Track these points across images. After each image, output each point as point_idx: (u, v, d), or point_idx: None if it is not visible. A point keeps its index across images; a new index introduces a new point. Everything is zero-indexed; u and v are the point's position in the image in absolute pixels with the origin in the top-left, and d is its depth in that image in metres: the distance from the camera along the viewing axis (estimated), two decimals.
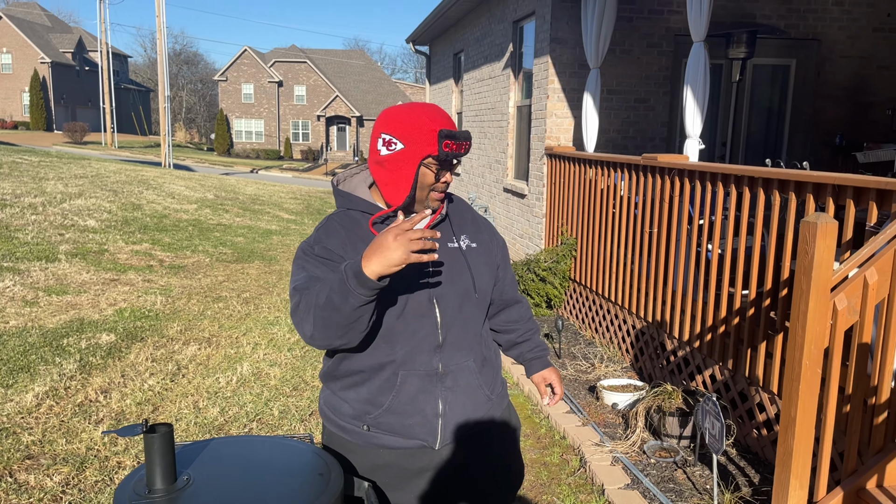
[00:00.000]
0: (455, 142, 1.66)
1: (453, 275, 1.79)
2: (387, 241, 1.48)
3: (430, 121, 1.67)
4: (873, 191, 2.86)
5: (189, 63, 67.59)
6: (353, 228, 1.76)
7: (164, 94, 25.38)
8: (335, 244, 1.72)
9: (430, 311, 1.74)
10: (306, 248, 1.75)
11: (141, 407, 4.12)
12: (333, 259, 1.70)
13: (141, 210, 11.20)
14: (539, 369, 2.07)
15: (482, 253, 1.87)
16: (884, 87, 7.42)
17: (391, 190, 1.72)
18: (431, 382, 1.76)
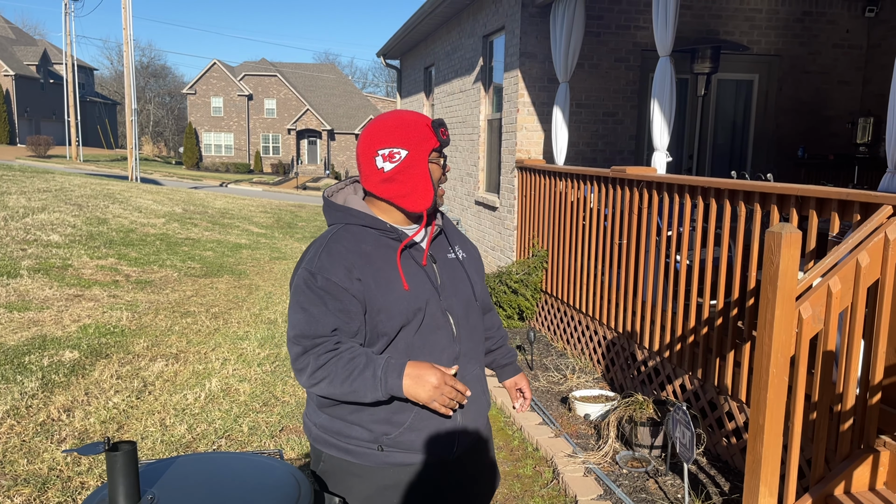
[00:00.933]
0: (444, 128, 1.72)
1: (457, 285, 1.81)
2: (429, 381, 1.59)
3: (416, 120, 1.71)
4: (835, 201, 2.92)
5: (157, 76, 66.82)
6: (357, 246, 1.69)
7: (131, 106, 25.04)
8: (339, 274, 1.64)
9: (445, 322, 1.75)
10: (308, 279, 1.65)
11: (105, 425, 4.02)
12: (337, 296, 1.63)
13: (107, 224, 11.00)
14: (511, 375, 2.10)
15: (473, 262, 1.92)
16: (843, 101, 7.63)
17: (413, 198, 1.72)
18: None
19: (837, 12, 7.44)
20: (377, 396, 1.61)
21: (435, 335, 1.73)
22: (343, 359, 1.61)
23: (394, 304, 1.66)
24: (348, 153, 50.94)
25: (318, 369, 1.61)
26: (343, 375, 1.60)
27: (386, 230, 1.73)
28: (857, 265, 2.60)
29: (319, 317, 1.62)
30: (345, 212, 1.75)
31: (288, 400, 4.56)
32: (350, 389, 1.61)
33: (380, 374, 1.59)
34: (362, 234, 1.71)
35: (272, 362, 5.29)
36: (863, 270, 2.60)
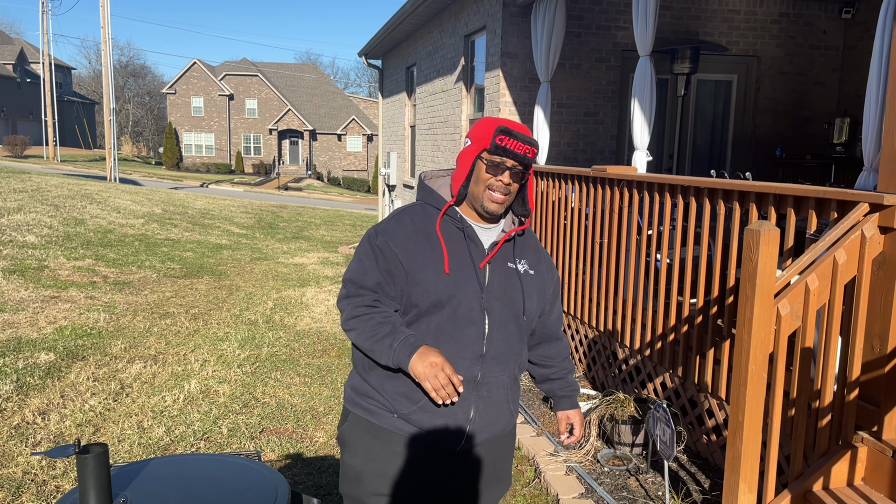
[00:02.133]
0: (508, 137, 1.77)
1: (507, 292, 1.88)
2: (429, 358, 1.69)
3: (491, 123, 1.82)
4: (812, 199, 2.95)
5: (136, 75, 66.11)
6: (422, 223, 1.84)
7: (110, 106, 24.74)
8: (397, 241, 1.81)
9: (480, 319, 1.82)
10: (372, 236, 1.84)
11: (81, 428, 3.96)
12: (388, 258, 1.80)
13: (84, 225, 10.85)
14: (567, 408, 2.15)
15: (537, 281, 1.96)
16: (820, 102, 7.72)
17: (455, 183, 1.87)
18: (468, 389, 1.83)
19: (814, 14, 7.53)
20: (388, 363, 1.75)
21: (467, 328, 1.80)
22: (374, 320, 1.77)
23: (431, 282, 1.78)
24: (330, 153, 50.75)
25: (351, 318, 1.80)
26: (367, 334, 1.76)
27: (455, 219, 1.86)
28: (835, 262, 2.63)
29: (369, 270, 1.80)
30: (428, 192, 1.91)
31: (268, 401, 4.51)
32: (369, 348, 1.77)
33: (395, 346, 1.72)
34: (432, 215, 1.86)
35: (252, 363, 5.24)
36: (840, 268, 2.62)
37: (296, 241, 12.62)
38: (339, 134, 50.66)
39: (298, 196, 31.01)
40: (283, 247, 11.69)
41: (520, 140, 1.78)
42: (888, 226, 2.62)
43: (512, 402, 1.95)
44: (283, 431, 4.08)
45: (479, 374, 1.83)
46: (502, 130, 1.78)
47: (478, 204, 1.83)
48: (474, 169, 1.83)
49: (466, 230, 1.86)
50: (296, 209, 18.87)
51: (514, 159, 1.78)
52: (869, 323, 2.72)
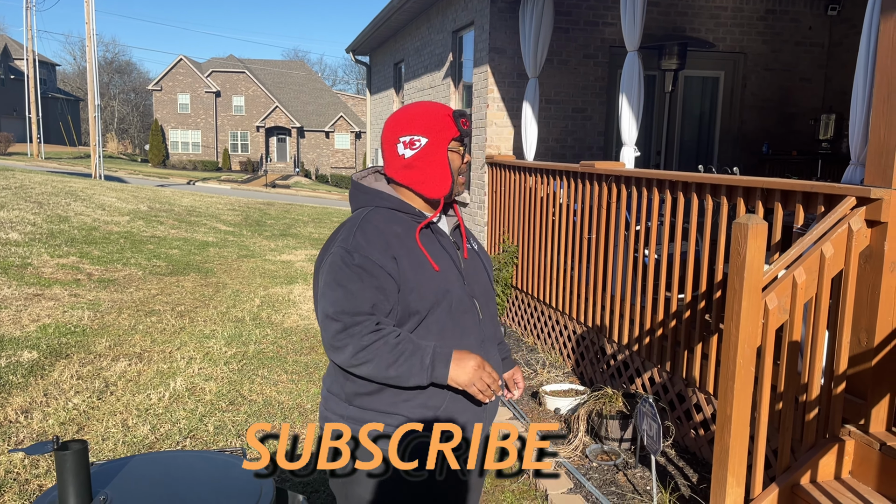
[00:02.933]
0: (466, 118, 1.77)
1: (478, 273, 1.89)
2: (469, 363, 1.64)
3: (438, 109, 1.78)
4: (799, 194, 2.95)
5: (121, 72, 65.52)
6: (389, 226, 1.74)
7: (94, 103, 24.51)
8: (376, 252, 1.67)
9: (471, 306, 1.82)
10: (344, 256, 1.66)
11: (65, 427, 3.90)
12: (373, 272, 1.65)
13: (68, 222, 10.73)
14: (509, 368, 2.13)
15: (485, 254, 2.01)
16: (806, 98, 7.76)
17: (431, 185, 1.77)
18: None
19: (800, 10, 7.56)
20: (420, 382, 1.64)
21: (464, 318, 1.78)
22: (389, 343, 1.63)
23: (425, 284, 1.71)
24: (318, 151, 50.56)
25: (360, 350, 1.62)
26: (389, 360, 1.62)
27: (415, 214, 1.79)
28: (822, 256, 2.63)
29: (358, 293, 1.64)
30: (374, 195, 1.80)
31: (255, 399, 4.48)
32: (395, 374, 1.63)
33: (427, 362, 1.63)
34: (392, 217, 1.76)
35: (239, 361, 5.20)
36: (827, 261, 2.63)
37: (283, 238, 12.55)
38: (326, 131, 50.48)
39: (286, 193, 30.87)
40: (270, 244, 11.62)
41: (468, 116, 1.80)
42: (875, 219, 2.63)
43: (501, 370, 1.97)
44: (270, 429, 4.04)
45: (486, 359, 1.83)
46: (460, 115, 1.77)
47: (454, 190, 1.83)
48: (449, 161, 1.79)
49: (432, 225, 1.83)
50: (283, 206, 18.78)
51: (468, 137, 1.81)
52: (856, 316, 2.73)
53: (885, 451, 2.60)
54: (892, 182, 2.60)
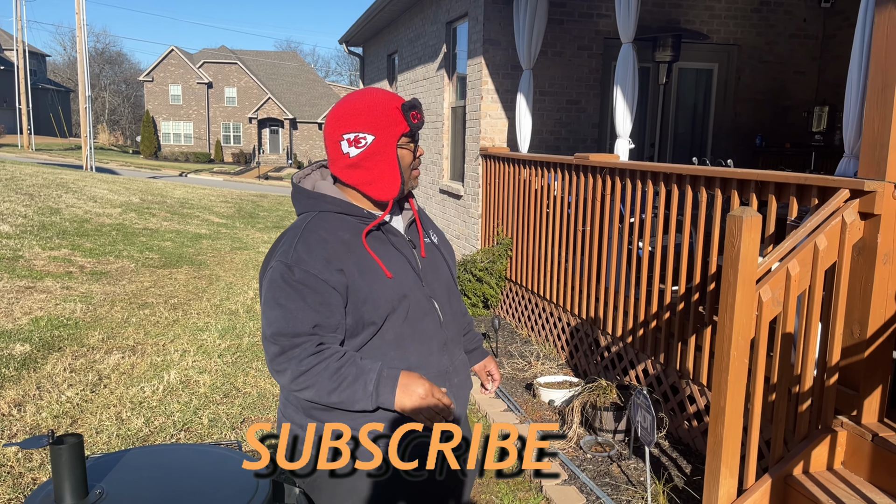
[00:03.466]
0: (417, 110, 1.62)
1: (437, 270, 1.77)
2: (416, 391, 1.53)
3: (385, 102, 1.61)
4: (793, 186, 2.96)
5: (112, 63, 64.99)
6: (334, 234, 1.60)
7: (85, 94, 24.33)
8: (318, 265, 1.54)
9: (431, 309, 1.70)
10: (284, 272, 1.54)
11: (58, 420, 3.89)
12: (316, 288, 1.53)
13: (59, 214, 10.67)
14: (480, 359, 2.07)
15: (445, 245, 1.87)
16: (800, 91, 7.77)
17: (379, 186, 1.63)
18: (442, 381, 1.72)
19: (794, 3, 7.57)
20: (366, 408, 1.55)
21: (423, 323, 1.67)
22: (329, 368, 1.52)
23: (379, 293, 1.59)
24: (311, 142, 50.38)
25: (300, 375, 1.52)
26: (330, 387, 1.53)
27: (363, 216, 1.65)
28: (815, 248, 2.64)
29: (297, 313, 1.52)
30: (317, 198, 1.65)
31: (249, 391, 4.47)
32: (337, 400, 1.54)
33: (371, 388, 1.53)
34: (338, 222, 1.62)
35: (233, 353, 5.19)
36: (820, 253, 2.64)
37: (276, 230, 12.51)
38: (319, 123, 50.28)
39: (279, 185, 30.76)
40: (263, 236, 11.59)
41: (419, 107, 1.64)
42: (868, 211, 2.64)
43: (469, 376, 1.87)
44: (266, 421, 4.04)
45: (448, 364, 1.74)
46: (410, 107, 1.61)
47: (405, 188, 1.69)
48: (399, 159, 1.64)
49: (383, 225, 1.68)
50: (276, 198, 18.71)
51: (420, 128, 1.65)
52: (849, 308, 2.74)
53: (877, 441, 2.62)
54: (885, 174, 2.61)
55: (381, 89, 1.65)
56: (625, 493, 3.24)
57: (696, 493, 3.21)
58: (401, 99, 1.63)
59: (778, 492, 2.68)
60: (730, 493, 2.67)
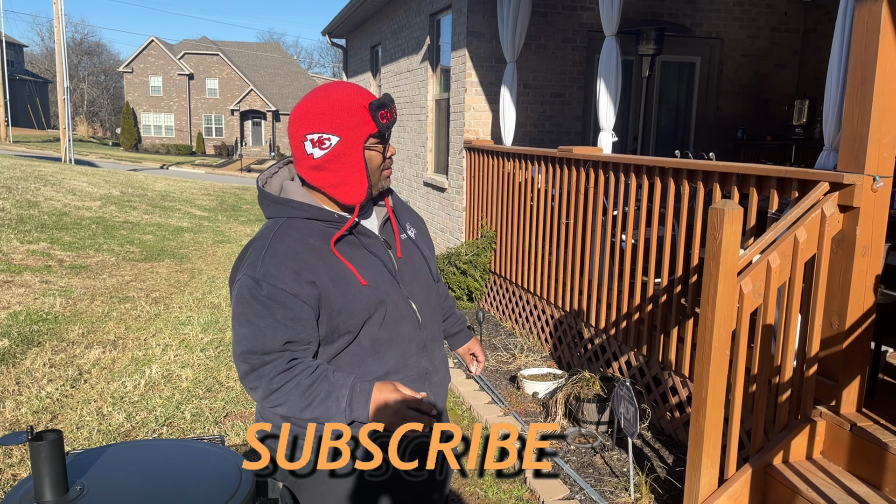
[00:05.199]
0: (387, 109, 1.54)
1: (415, 266, 1.71)
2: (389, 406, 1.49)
3: (351, 100, 1.52)
4: (774, 179, 2.99)
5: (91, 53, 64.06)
6: (304, 243, 1.53)
7: (63, 85, 23.97)
8: (287, 279, 1.48)
9: (408, 311, 1.65)
10: (252, 287, 1.48)
11: (38, 415, 3.85)
12: (286, 303, 1.48)
13: (38, 207, 10.52)
14: (464, 342, 2.05)
15: (425, 238, 1.82)
16: (781, 84, 7.84)
17: (345, 190, 1.56)
18: (422, 383, 1.69)
19: None
20: (341, 422, 1.52)
21: (400, 326, 1.63)
22: (300, 386, 1.48)
23: (353, 302, 1.54)
24: None
25: (271, 393, 1.49)
26: (301, 405, 1.50)
27: (333, 220, 1.57)
28: (796, 241, 2.67)
29: (267, 330, 1.48)
30: (285, 205, 1.57)
31: (233, 385, 4.45)
32: (311, 417, 1.52)
33: (344, 404, 1.49)
34: (308, 229, 1.55)
35: (216, 347, 5.15)
36: (800, 246, 2.66)
37: (259, 223, 12.43)
38: None
39: None
40: (246, 229, 11.51)
41: (390, 104, 1.55)
42: (847, 204, 2.67)
43: (448, 372, 1.84)
44: (248, 416, 4.02)
45: (428, 364, 1.70)
46: (379, 106, 1.52)
47: (375, 190, 1.63)
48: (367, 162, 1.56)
49: (351, 227, 1.60)
50: None
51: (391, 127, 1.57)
52: (828, 300, 2.77)
53: (855, 431, 2.66)
54: (864, 167, 2.64)
55: (349, 84, 1.57)
56: (608, 484, 3.27)
57: (678, 482, 3.24)
58: (370, 96, 1.55)
59: (758, 481, 2.72)
60: (711, 482, 2.70)
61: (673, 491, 3.18)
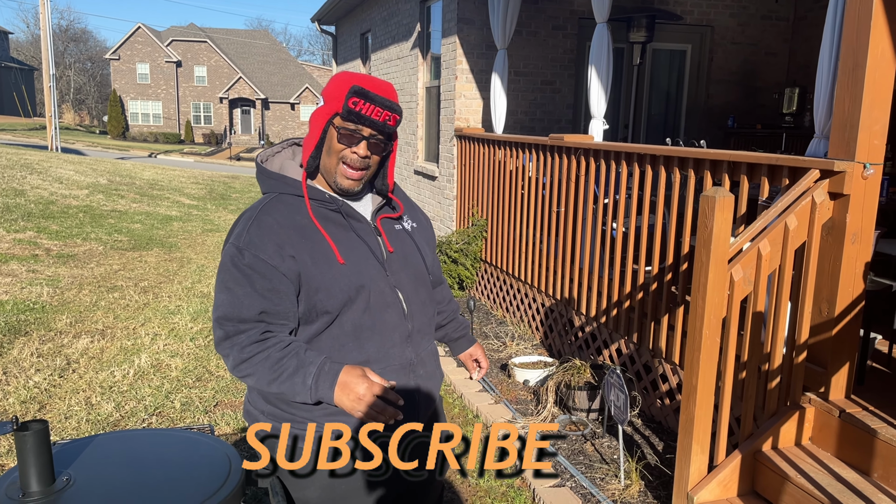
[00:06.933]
0: (364, 100, 1.50)
1: (406, 257, 1.70)
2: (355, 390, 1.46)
3: (350, 79, 1.53)
4: (765, 167, 2.98)
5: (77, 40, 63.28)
6: (290, 218, 1.55)
7: (49, 72, 23.67)
8: (269, 251, 1.50)
9: (394, 299, 1.64)
10: (234, 255, 1.51)
11: (26, 405, 3.82)
12: (266, 274, 1.50)
13: (24, 196, 10.41)
14: (466, 347, 2.05)
15: (423, 232, 1.81)
16: (771, 72, 7.84)
17: (304, 151, 1.59)
18: (406, 374, 1.67)
19: None
20: (306, 401, 1.51)
21: (385, 314, 1.61)
22: (271, 358, 1.49)
23: (332, 283, 1.54)
24: (283, 123, 49.74)
25: (242, 362, 1.50)
26: (269, 377, 1.49)
27: (324, 200, 1.59)
28: (786, 228, 2.67)
29: (244, 298, 1.49)
30: (279, 180, 1.60)
31: (223, 374, 4.43)
32: (277, 391, 1.51)
33: (310, 382, 1.48)
34: (297, 205, 1.57)
35: (205, 336, 5.13)
36: (791, 233, 2.67)
37: None
38: (292, 103, 49.62)
39: (251, 167, 30.36)
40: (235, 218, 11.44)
41: (378, 104, 1.51)
42: (838, 192, 2.67)
43: (439, 367, 1.83)
44: (238, 405, 4.01)
45: (412, 356, 1.68)
46: (357, 92, 1.50)
47: (330, 179, 1.58)
48: (325, 136, 1.55)
49: (343, 208, 1.60)
50: (248, 180, 18.47)
51: (372, 127, 1.52)
52: (817, 287, 2.78)
53: (844, 417, 2.67)
54: (855, 155, 2.64)
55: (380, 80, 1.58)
56: (598, 470, 3.28)
57: (668, 469, 3.26)
58: (365, 82, 1.54)
59: (747, 467, 2.73)
60: (701, 469, 2.71)
61: (663, 477, 3.19)
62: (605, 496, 3.03)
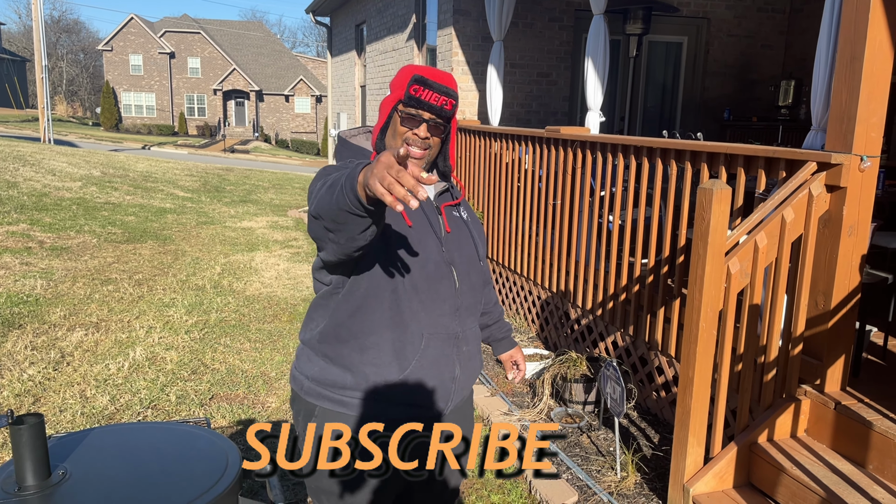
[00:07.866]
0: (423, 87, 1.62)
1: (461, 241, 1.79)
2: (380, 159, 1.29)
3: (413, 70, 1.67)
4: (762, 159, 2.98)
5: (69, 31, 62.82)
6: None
7: (42, 63, 23.49)
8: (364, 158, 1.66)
9: (448, 273, 1.72)
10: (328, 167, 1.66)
11: (20, 399, 3.80)
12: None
13: (17, 188, 10.34)
14: (508, 348, 2.13)
15: (476, 226, 1.91)
16: (767, 65, 7.84)
17: (374, 135, 1.74)
18: (450, 346, 1.73)
19: None
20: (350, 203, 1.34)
21: (440, 284, 1.70)
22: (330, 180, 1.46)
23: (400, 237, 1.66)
24: (278, 115, 49.54)
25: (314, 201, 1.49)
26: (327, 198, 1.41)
27: None
28: (783, 221, 2.67)
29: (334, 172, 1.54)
30: (356, 150, 1.76)
31: (218, 367, 4.42)
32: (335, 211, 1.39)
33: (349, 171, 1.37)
34: None
35: (200, 329, 5.11)
36: (787, 226, 2.67)
37: (243, 204, 12.32)
38: (286, 95, 49.41)
39: (245, 159, 30.26)
40: (230, 210, 11.40)
41: (436, 90, 1.64)
42: (835, 184, 2.67)
43: (480, 351, 1.89)
44: (234, 397, 4.00)
45: (458, 329, 1.75)
46: (417, 80, 1.64)
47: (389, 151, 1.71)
48: (391, 121, 1.70)
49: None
50: (243, 172, 18.40)
51: (430, 111, 1.65)
52: (814, 280, 2.79)
53: (839, 410, 2.68)
54: (852, 147, 2.64)
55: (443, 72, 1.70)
56: (595, 463, 3.29)
57: (664, 461, 3.26)
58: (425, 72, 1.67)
59: (743, 459, 2.74)
60: (697, 461, 2.72)
61: (659, 469, 3.20)
62: (601, 488, 3.04)
